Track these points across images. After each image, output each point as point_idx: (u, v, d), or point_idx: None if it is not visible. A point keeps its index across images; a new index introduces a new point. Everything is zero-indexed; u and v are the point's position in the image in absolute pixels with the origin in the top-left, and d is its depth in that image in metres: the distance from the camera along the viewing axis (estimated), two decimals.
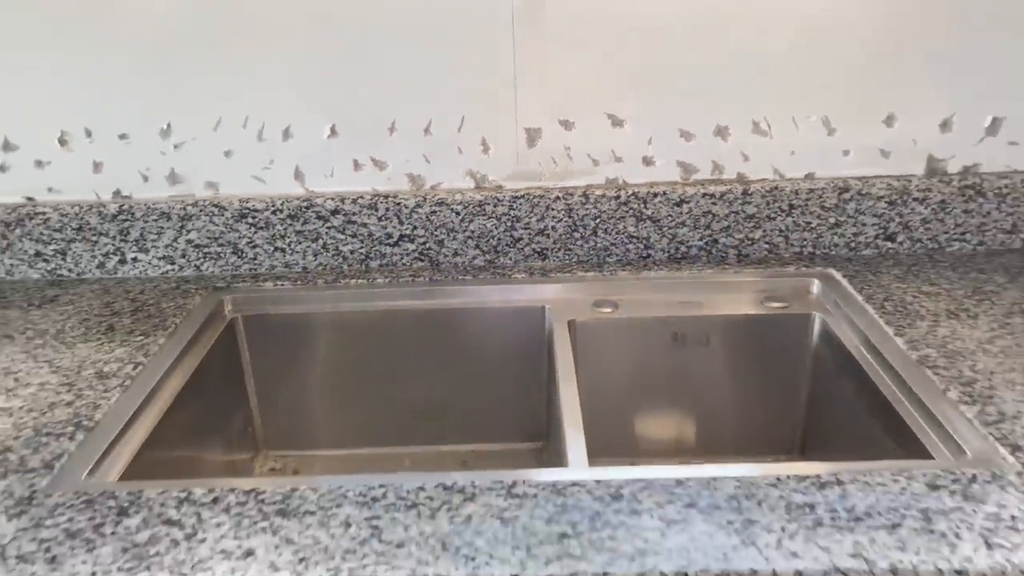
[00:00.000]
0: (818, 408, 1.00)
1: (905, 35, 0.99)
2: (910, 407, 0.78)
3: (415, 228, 1.06)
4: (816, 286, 1.03)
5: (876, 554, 0.57)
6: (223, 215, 1.06)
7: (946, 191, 1.04)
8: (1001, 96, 1.01)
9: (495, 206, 1.05)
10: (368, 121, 1.03)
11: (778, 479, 0.65)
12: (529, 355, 1.04)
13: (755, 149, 1.04)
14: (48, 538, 0.62)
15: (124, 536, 0.62)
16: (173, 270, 1.08)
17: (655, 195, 1.05)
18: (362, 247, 1.07)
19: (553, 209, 1.06)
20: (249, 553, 0.60)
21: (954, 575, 0.56)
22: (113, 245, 1.07)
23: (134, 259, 1.08)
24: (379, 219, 1.06)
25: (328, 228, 1.06)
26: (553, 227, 1.06)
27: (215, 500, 0.65)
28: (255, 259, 1.08)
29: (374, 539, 0.61)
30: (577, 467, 0.71)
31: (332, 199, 1.05)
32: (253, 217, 1.06)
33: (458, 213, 1.05)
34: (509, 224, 1.06)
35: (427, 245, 1.07)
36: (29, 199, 1.07)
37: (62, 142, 1.04)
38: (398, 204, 1.05)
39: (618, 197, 1.05)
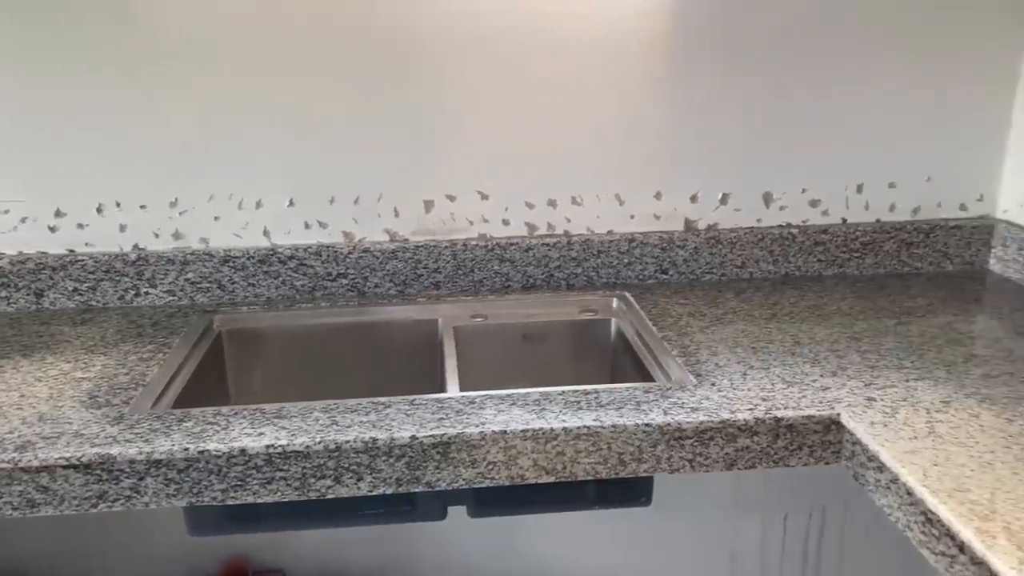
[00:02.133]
0: (615, 371, 1.52)
1: (665, 141, 1.55)
2: (651, 360, 1.30)
3: (348, 269, 1.55)
4: (615, 302, 1.55)
5: (607, 419, 1.08)
6: (212, 261, 1.52)
7: (698, 241, 1.60)
8: (727, 180, 1.59)
9: (404, 253, 1.55)
10: (316, 196, 1.52)
11: (563, 392, 1.16)
12: (429, 350, 1.52)
13: (574, 214, 1.58)
14: (139, 432, 1.07)
15: (186, 431, 1.07)
16: (175, 300, 1.53)
17: (511, 245, 1.57)
18: (310, 282, 1.55)
19: (443, 255, 1.56)
20: (261, 435, 1.06)
21: (643, 426, 1.07)
22: (131, 283, 1.52)
23: (146, 292, 1.52)
24: (322, 263, 1.54)
25: (286, 269, 1.54)
26: (444, 267, 1.57)
27: (235, 413, 1.11)
28: (234, 291, 1.54)
29: (332, 425, 1.08)
30: (452, 393, 1.20)
31: (289, 249, 1.53)
32: (233, 262, 1.52)
33: (378, 258, 1.55)
34: (413, 265, 1.56)
35: (356, 280, 1.56)
36: (71, 251, 1.51)
37: (99, 210, 1.49)
38: (336, 252, 1.54)
39: (486, 246, 1.56)
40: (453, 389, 1.22)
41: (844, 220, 1.63)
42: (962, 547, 0.84)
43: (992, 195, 1.65)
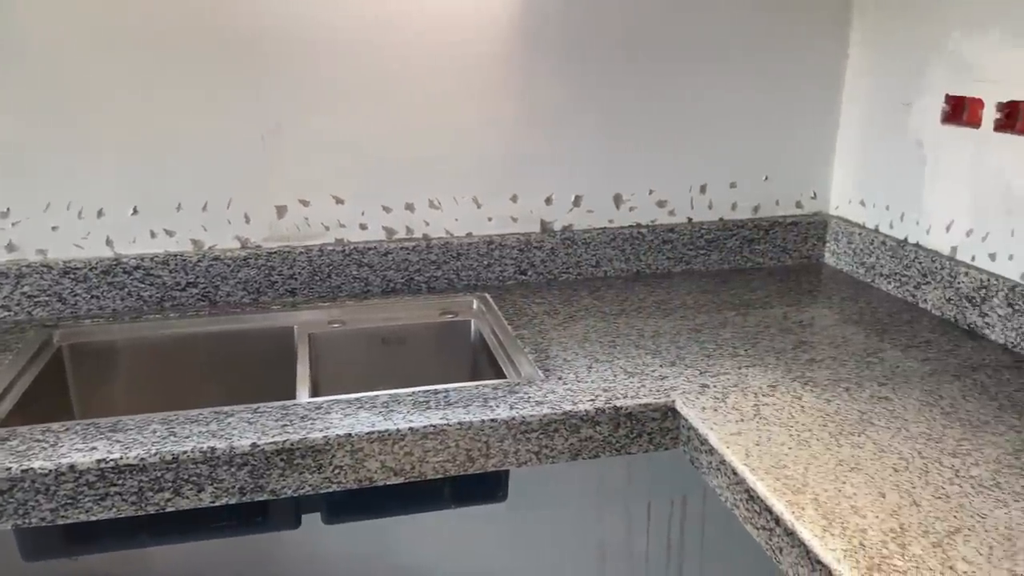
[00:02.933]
0: (475, 371, 1.54)
1: (520, 144, 1.59)
2: (505, 358, 1.33)
3: (198, 278, 1.51)
4: (475, 304, 1.57)
5: (453, 417, 1.09)
6: (50, 273, 1.45)
7: (554, 242, 1.64)
8: (580, 183, 1.64)
9: (256, 260, 1.52)
10: (161, 203, 1.47)
11: (412, 392, 1.17)
12: (284, 359, 1.50)
13: (433, 218, 1.60)
14: None
15: (9, 450, 1.02)
16: (10, 315, 1.45)
17: (369, 249, 1.57)
18: (158, 293, 1.50)
19: (299, 261, 1.54)
20: (93, 449, 1.02)
21: (488, 421, 1.09)
22: None
23: None
24: (170, 272, 1.49)
25: (132, 280, 1.48)
26: (299, 273, 1.55)
27: (66, 429, 1.07)
28: (76, 305, 1.47)
29: (170, 436, 1.05)
30: (300, 399, 1.18)
31: (135, 259, 1.48)
32: (74, 274, 1.46)
33: (229, 266, 1.51)
34: (267, 272, 1.53)
35: (207, 289, 1.52)
36: None
37: None
38: (184, 261, 1.49)
39: (343, 251, 1.56)
40: (302, 396, 1.21)
41: (690, 219, 1.71)
42: (777, 520, 0.90)
43: (824, 193, 1.76)
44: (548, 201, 1.64)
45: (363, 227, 1.57)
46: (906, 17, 1.51)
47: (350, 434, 1.06)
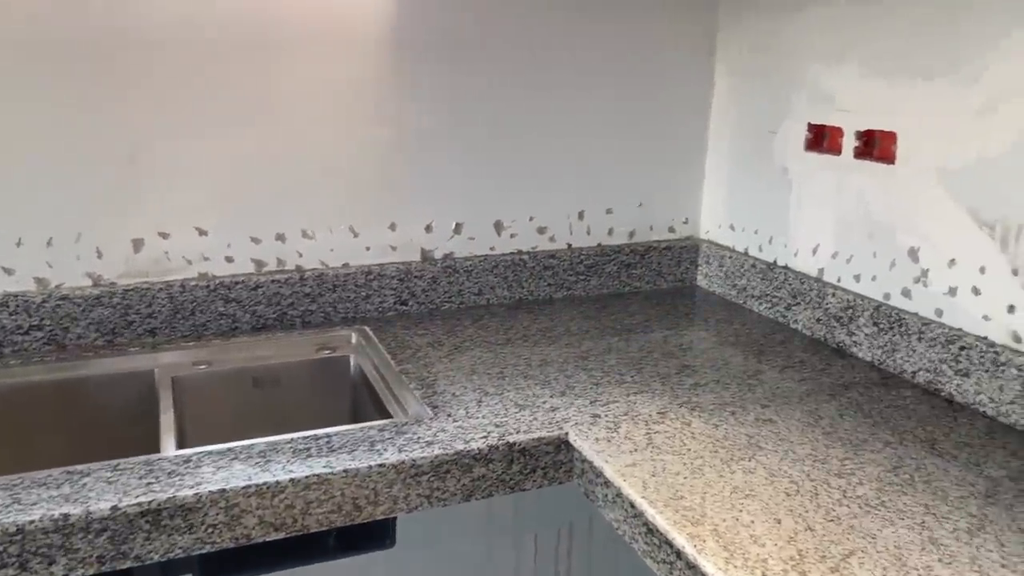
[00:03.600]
0: (356, 409, 1.47)
1: (397, 172, 1.54)
2: (389, 395, 1.27)
3: (43, 319, 1.36)
4: (354, 337, 1.50)
5: (338, 464, 1.02)
6: None
7: (435, 270, 1.60)
8: (460, 210, 1.60)
9: (111, 298, 1.39)
10: None
11: (292, 439, 1.09)
12: (145, 406, 1.37)
13: (306, 248, 1.52)
14: None
15: None
16: None
17: (236, 283, 1.47)
18: None
19: (159, 299, 1.43)
20: None
21: (376, 467, 1.03)
22: None
23: None
24: (10, 314, 1.34)
25: None
26: (159, 312, 1.43)
27: None
28: None
29: (13, 504, 0.92)
30: (166, 452, 1.08)
31: None
32: None
33: (79, 305, 1.38)
34: (123, 312, 1.41)
35: (54, 332, 1.37)
36: None
37: None
38: (26, 301, 1.35)
39: (208, 286, 1.45)
40: (168, 448, 1.11)
41: (569, 245, 1.71)
42: (679, 553, 0.89)
43: (695, 218, 1.81)
44: (428, 229, 1.59)
45: (229, 260, 1.47)
46: (768, 50, 1.57)
47: (224, 489, 0.97)
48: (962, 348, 1.20)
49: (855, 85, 1.38)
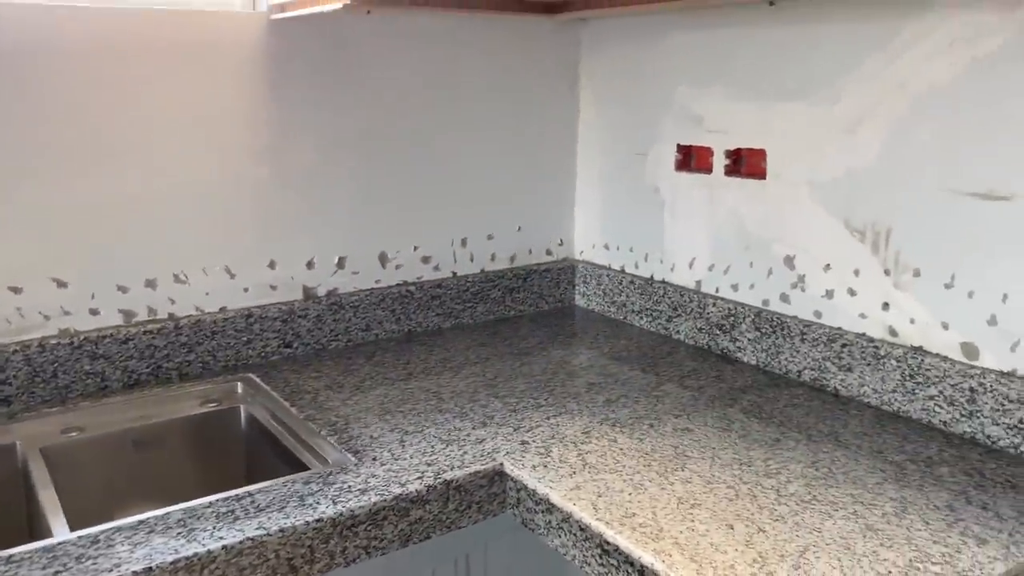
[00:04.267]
0: (253, 464, 1.37)
1: (273, 207, 1.46)
2: (299, 445, 1.19)
3: None
4: (240, 387, 1.40)
5: (272, 525, 0.95)
6: None
7: (319, 308, 1.53)
8: (342, 244, 1.54)
9: None
10: None
11: (211, 503, 0.99)
12: (9, 485, 1.20)
13: (179, 294, 1.40)
14: None
15: None
16: None
17: (103, 338, 1.33)
18: None
19: (13, 361, 1.26)
20: None
21: (314, 523, 0.96)
22: None
23: None
24: None
25: None
26: (14, 376, 1.26)
27: None
28: None
29: None
30: (61, 535, 0.95)
31: None
32: None
33: None
34: None
35: None
36: None
37: None
38: None
39: (71, 344, 1.30)
40: (61, 530, 0.97)
41: (454, 273, 1.70)
42: (642, 571, 0.90)
43: (570, 239, 1.85)
44: (309, 265, 1.52)
45: (94, 312, 1.33)
46: (634, 75, 1.65)
47: (151, 568, 0.87)
48: (843, 345, 1.31)
49: (722, 106, 1.48)
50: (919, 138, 1.19)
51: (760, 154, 1.42)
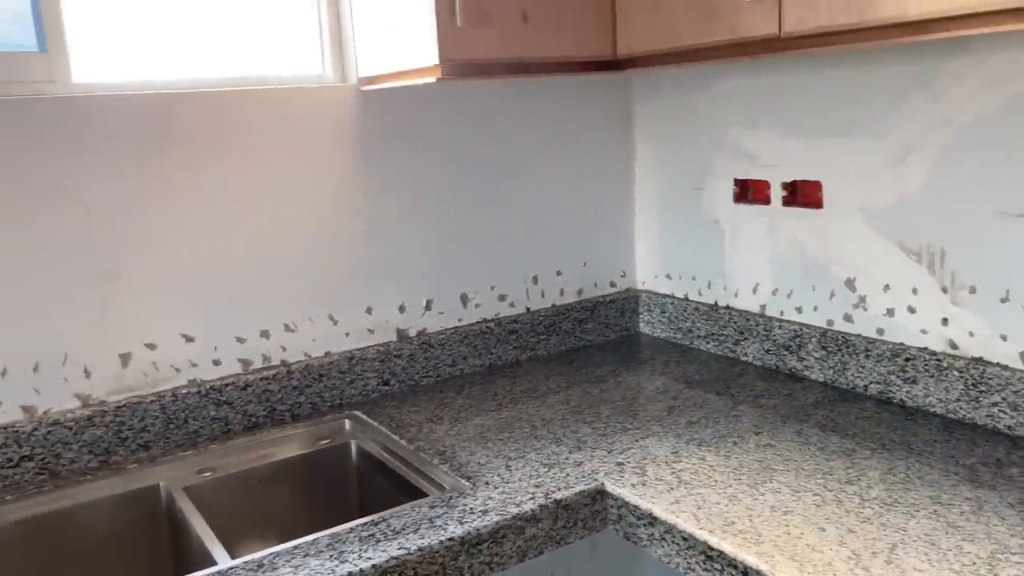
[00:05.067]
0: (366, 494, 1.49)
1: (367, 257, 1.59)
2: (412, 474, 1.31)
3: (34, 448, 1.30)
4: (348, 424, 1.53)
5: (411, 544, 1.06)
6: None
7: (412, 347, 1.66)
8: (428, 287, 1.68)
9: (102, 417, 1.35)
10: None
11: (352, 528, 1.12)
12: (153, 524, 1.34)
13: (289, 342, 1.54)
14: None
15: None
16: None
17: (226, 385, 1.46)
18: None
19: (150, 410, 1.40)
20: None
21: (446, 541, 1.08)
22: None
23: None
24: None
25: None
26: (152, 424, 1.40)
27: None
28: None
29: None
30: (224, 563, 1.07)
31: None
32: None
33: (71, 428, 1.33)
34: (116, 429, 1.37)
35: (46, 460, 1.32)
36: None
37: None
38: (16, 432, 1.29)
39: (199, 392, 1.44)
40: (223, 558, 1.10)
41: (528, 309, 1.82)
42: (746, 572, 1.00)
43: (631, 271, 1.97)
44: (401, 309, 1.65)
45: (216, 363, 1.47)
46: (685, 119, 1.77)
47: None
48: (907, 359, 1.41)
49: (775, 144, 1.59)
50: (965, 166, 1.30)
51: (815, 185, 1.53)
